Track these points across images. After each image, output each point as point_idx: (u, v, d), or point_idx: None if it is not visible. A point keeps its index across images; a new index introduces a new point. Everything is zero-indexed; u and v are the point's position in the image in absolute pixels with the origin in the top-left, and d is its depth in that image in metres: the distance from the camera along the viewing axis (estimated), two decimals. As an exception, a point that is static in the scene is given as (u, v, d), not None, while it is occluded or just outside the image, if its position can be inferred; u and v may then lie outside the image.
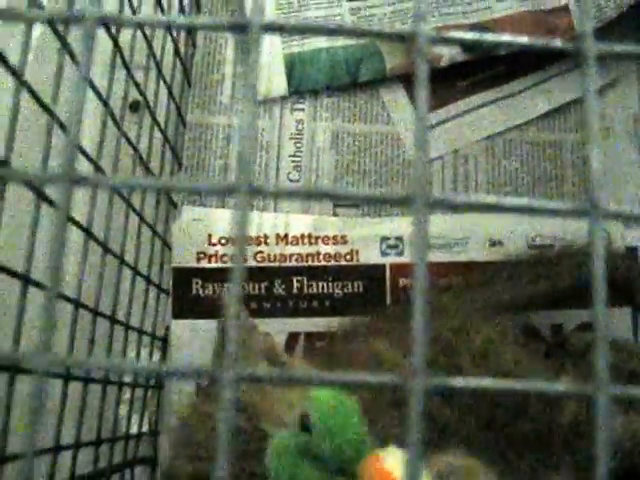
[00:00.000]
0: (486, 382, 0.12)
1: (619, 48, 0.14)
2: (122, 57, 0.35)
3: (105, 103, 0.33)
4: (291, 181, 0.49)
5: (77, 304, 0.32)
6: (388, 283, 0.47)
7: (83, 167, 0.32)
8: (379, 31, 0.14)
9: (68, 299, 0.31)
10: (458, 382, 0.12)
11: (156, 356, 0.47)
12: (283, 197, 0.13)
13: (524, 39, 0.14)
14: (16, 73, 0.24)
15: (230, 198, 0.48)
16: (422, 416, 0.12)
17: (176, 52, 0.45)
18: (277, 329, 0.45)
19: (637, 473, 0.37)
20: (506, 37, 0.14)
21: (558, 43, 0.14)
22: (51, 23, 0.27)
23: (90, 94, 0.32)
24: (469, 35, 0.14)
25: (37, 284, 0.26)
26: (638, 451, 0.37)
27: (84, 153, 0.31)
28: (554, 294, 0.42)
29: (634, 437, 0.36)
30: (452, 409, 0.34)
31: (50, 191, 0.28)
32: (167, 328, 0.47)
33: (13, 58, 0.25)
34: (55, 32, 0.27)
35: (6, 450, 0.25)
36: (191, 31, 0.49)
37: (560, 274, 0.42)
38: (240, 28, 0.15)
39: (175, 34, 0.44)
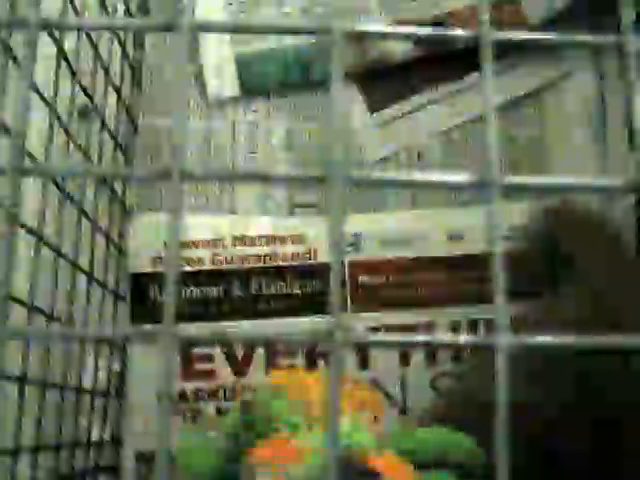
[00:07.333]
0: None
1: (513, 36, 0.15)
2: (67, 62, 0.35)
3: (51, 108, 0.33)
4: (245, 183, 0.50)
5: (30, 308, 0.32)
6: (348, 281, 0.47)
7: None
8: (298, 27, 0.16)
9: (22, 303, 0.31)
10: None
11: (116, 365, 0.46)
12: (213, 181, 0.14)
13: (428, 30, 0.15)
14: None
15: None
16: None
17: (124, 55, 0.45)
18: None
19: None
20: (413, 29, 0.15)
21: (460, 32, 0.15)
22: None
23: (37, 101, 0.32)
24: (378, 28, 0.15)
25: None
26: None
27: (31, 157, 0.31)
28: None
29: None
30: None
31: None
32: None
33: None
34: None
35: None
36: (136, 35, 0.49)
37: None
38: (169, 28, 0.16)
39: (123, 38, 0.45)
